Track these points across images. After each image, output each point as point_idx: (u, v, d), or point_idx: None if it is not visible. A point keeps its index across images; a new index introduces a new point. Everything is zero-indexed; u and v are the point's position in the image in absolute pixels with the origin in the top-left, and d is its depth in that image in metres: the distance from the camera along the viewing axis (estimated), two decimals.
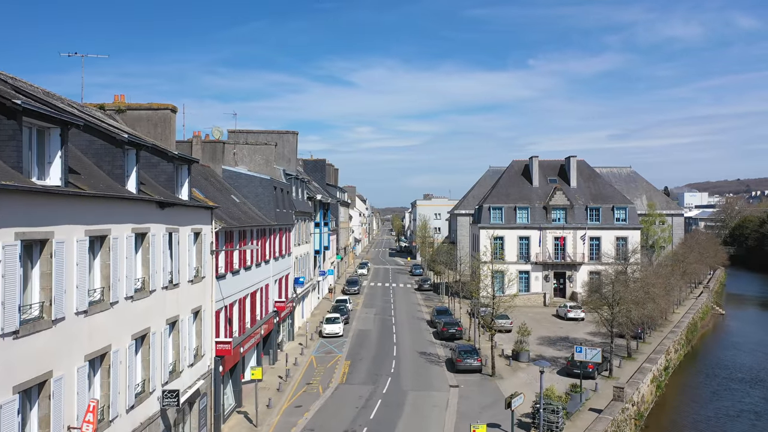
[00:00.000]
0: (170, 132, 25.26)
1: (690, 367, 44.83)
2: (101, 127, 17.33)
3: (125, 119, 25.27)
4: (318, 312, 58.00)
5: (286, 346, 43.24)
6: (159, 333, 19.63)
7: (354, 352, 42.09)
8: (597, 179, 69.75)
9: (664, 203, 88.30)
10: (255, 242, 33.52)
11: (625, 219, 65.55)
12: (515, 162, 71.98)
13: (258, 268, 34.47)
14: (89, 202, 14.99)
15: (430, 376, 36.05)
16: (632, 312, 34.92)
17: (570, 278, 65.33)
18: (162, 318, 19.94)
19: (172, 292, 20.87)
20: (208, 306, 24.96)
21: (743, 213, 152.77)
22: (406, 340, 46.18)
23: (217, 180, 35.83)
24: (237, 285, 29.98)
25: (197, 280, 23.62)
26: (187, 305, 22.50)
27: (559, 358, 40.34)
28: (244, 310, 31.44)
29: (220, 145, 37.98)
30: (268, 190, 38.23)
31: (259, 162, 45.17)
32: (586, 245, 64.84)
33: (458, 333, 45.85)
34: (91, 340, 15.15)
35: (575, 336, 47.88)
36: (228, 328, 28.27)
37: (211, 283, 25.42)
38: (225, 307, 27.76)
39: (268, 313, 37.05)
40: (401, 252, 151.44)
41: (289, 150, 53.78)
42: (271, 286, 37.96)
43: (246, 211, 34.41)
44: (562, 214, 65.75)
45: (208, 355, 25.04)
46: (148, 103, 25.16)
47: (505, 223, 65.61)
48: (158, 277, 19.42)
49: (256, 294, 34.23)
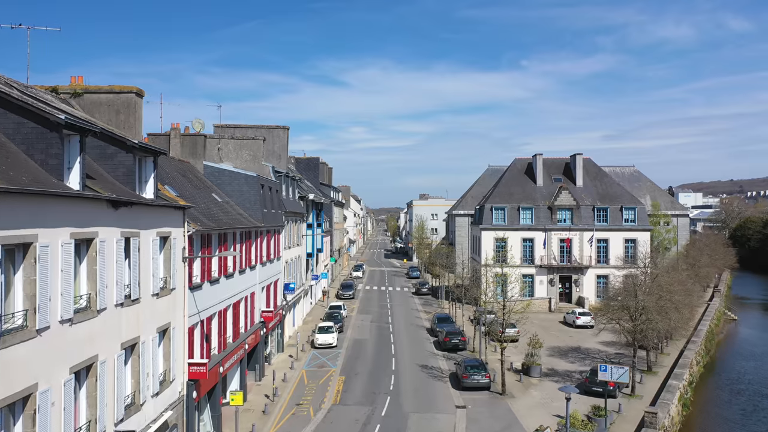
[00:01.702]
0: (136, 120, 21.66)
1: (712, 381, 41.44)
2: (30, 105, 13.73)
3: (83, 105, 21.67)
4: (310, 319, 54.40)
5: (274, 358, 39.65)
6: (110, 360, 16.06)
7: (349, 365, 38.52)
8: (604, 178, 66.46)
9: (669, 203, 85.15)
10: (239, 246, 29.96)
11: (634, 220, 62.30)
12: (518, 160, 68.59)
13: (242, 275, 30.90)
14: (4, 201, 11.43)
15: (434, 394, 32.56)
16: (658, 323, 31.50)
17: (576, 282, 62.00)
18: (115, 342, 16.36)
19: (130, 309, 17.30)
20: (179, 322, 21.40)
21: (744, 214, 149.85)
22: (405, 351, 42.67)
23: (196, 177, 32.25)
24: (216, 295, 26.41)
25: (165, 292, 20.06)
26: (152, 324, 18.94)
27: (572, 372, 36.97)
28: (225, 323, 27.87)
29: (201, 138, 34.37)
30: (254, 188, 34.68)
31: (246, 158, 41.60)
32: (593, 247, 61.53)
33: (461, 344, 42.38)
34: (5, 378, 11.59)
35: (587, 346, 44.54)
36: (205, 346, 24.69)
37: (184, 295, 21.86)
38: (201, 321, 24.19)
39: (254, 325, 33.47)
40: (397, 253, 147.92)
41: (280, 146, 50.15)
42: (257, 294, 34.39)
43: (228, 212, 30.85)
44: (567, 214, 62.44)
45: (180, 380, 21.47)
46: (109, 86, 21.54)
47: (508, 224, 62.24)
48: (109, 292, 15.84)
49: (240, 304, 30.66)
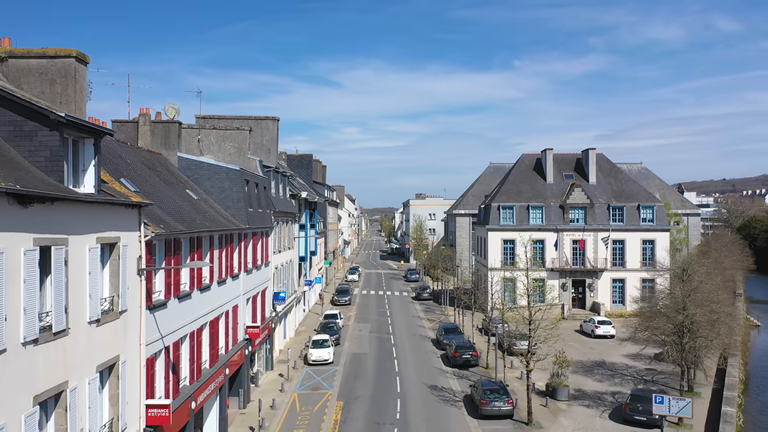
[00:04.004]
0: (76, 92, 16.78)
1: (755, 400, 36.92)
2: None
3: (8, 73, 16.79)
4: (303, 329, 49.53)
5: (262, 378, 34.80)
6: (14, 424, 11.22)
7: (347, 387, 33.68)
8: (618, 175, 61.92)
9: (679, 202, 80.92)
10: (217, 252, 25.13)
11: (653, 219, 57.79)
12: (525, 156, 63.95)
13: (222, 286, 26.06)
14: None
15: (448, 424, 27.77)
16: (713, 339, 26.90)
17: (590, 287, 57.42)
18: (25, 397, 11.54)
19: (51, 346, 12.48)
20: (132, 354, 16.57)
21: (747, 213, 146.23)
22: (410, 368, 37.88)
23: (168, 170, 27.39)
24: (187, 313, 21.57)
25: (110, 317, 15.24)
26: (89, 362, 14.12)
27: (603, 395, 32.35)
28: (200, 346, 23.02)
29: (175, 126, 29.49)
30: (237, 183, 29.85)
31: (229, 151, 36.78)
32: (608, 249, 57.02)
33: (474, 359, 37.67)
34: None
35: (612, 360, 39.98)
36: (172, 378, 19.84)
37: (140, 318, 17.04)
38: (166, 348, 19.34)
39: (238, 344, 28.63)
40: (393, 254, 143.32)
41: (269, 139, 45.25)
42: (241, 307, 29.55)
43: (206, 211, 26.01)
44: (581, 213, 57.85)
45: (134, 429, 16.63)
46: (42, 49, 16.67)
47: (517, 224, 57.54)
48: (11, 327, 11.01)
49: (219, 321, 25.81)
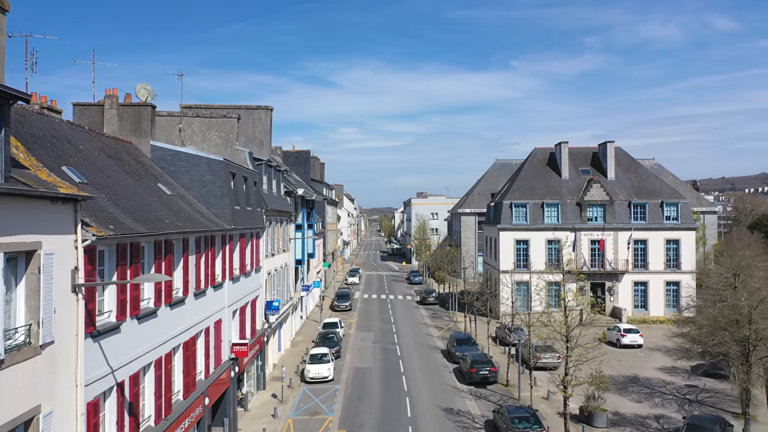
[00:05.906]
0: None
1: None
2: None
3: None
4: (300, 339, 45.18)
5: (253, 401, 30.46)
6: None
7: (351, 411, 29.32)
8: (639, 170, 57.74)
9: (694, 199, 76.71)
10: (194, 258, 20.81)
11: (677, 217, 53.65)
12: (538, 150, 59.70)
13: (200, 299, 21.74)
14: None
15: None
16: None
17: (610, 290, 53.25)
18: None
19: None
20: (63, 400, 12.26)
21: (757, 210, 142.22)
22: (421, 386, 33.57)
23: (137, 161, 23.06)
24: (151, 336, 17.24)
25: (24, 354, 10.94)
26: None
27: (646, 419, 28.16)
28: (169, 375, 18.67)
29: (147, 109, 25.15)
30: (220, 177, 25.52)
31: (215, 142, 32.45)
32: (630, 250, 52.84)
33: (492, 375, 33.39)
34: None
35: (645, 375, 35.76)
36: (128, 422, 15.51)
37: (77, 350, 12.73)
38: (118, 385, 15.01)
39: (221, 365, 24.31)
40: (393, 255, 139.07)
41: (261, 131, 40.87)
42: (226, 321, 25.22)
43: (181, 209, 21.68)
44: (599, 211, 53.67)
45: None
46: None
47: (531, 223, 53.36)
48: None
49: (197, 340, 21.48)
